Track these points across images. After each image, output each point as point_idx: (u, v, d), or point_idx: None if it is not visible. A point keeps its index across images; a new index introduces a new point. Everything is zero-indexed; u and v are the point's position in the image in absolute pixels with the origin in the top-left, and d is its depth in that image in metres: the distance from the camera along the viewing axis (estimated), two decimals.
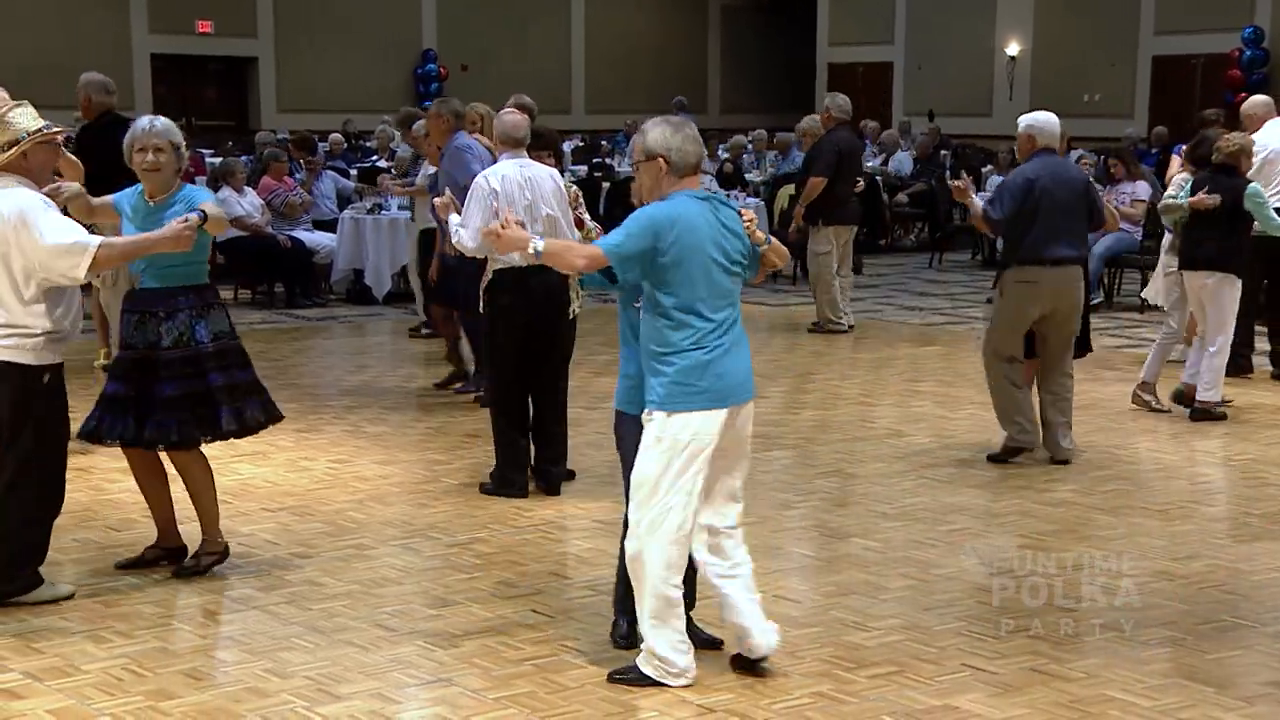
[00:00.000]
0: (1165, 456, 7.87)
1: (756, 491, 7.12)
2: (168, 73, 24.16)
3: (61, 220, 5.21)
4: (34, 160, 5.26)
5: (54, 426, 5.34)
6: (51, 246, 5.08)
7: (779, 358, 10.89)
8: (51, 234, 5.10)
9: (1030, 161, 7.52)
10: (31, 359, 5.19)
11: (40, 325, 5.17)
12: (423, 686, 4.70)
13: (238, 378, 5.63)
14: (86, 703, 4.53)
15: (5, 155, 5.19)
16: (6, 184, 5.20)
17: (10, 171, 5.21)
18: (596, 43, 28.18)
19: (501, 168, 6.79)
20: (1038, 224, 7.38)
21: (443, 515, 6.63)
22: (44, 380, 5.22)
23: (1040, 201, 7.37)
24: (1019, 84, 24.96)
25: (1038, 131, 7.55)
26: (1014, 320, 7.57)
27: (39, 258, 5.10)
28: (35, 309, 5.16)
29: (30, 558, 5.36)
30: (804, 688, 4.70)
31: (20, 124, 5.23)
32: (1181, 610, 5.45)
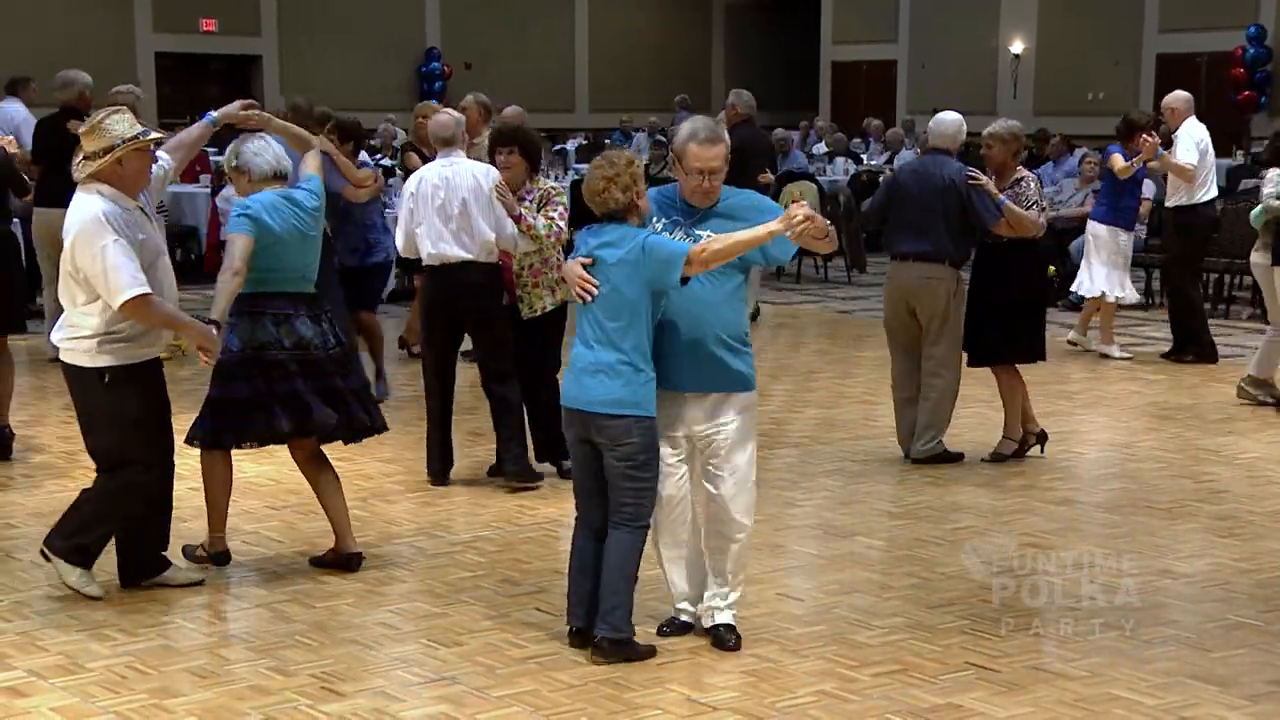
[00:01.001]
0: (1168, 455, 7.86)
1: (760, 490, 7.08)
2: (172, 71, 24.16)
3: (123, 253, 5.05)
4: (128, 167, 5.17)
5: (129, 431, 5.26)
6: (96, 274, 5.05)
7: (783, 356, 10.89)
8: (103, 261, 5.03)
9: (911, 160, 7.68)
10: (86, 361, 5.16)
11: (89, 326, 5.13)
12: (426, 684, 4.70)
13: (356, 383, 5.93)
14: (90, 700, 4.54)
15: (100, 162, 5.11)
16: (88, 192, 5.14)
17: (103, 179, 5.14)
18: (600, 41, 28.17)
19: (424, 170, 7.05)
20: (891, 221, 7.59)
21: (445, 513, 6.63)
22: (103, 381, 5.17)
23: (895, 198, 7.55)
24: (1023, 82, 24.93)
25: (930, 132, 7.77)
26: (885, 317, 7.75)
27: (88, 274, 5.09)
28: (87, 309, 5.13)
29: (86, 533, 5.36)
30: (807, 686, 4.70)
31: (116, 130, 5.14)
32: (1185, 609, 5.45)
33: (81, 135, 5.20)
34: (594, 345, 4.77)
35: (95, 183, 5.14)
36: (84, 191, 5.17)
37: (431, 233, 6.83)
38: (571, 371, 4.86)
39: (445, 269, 6.85)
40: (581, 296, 4.77)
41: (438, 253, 6.83)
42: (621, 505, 4.81)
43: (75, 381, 5.25)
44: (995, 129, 7.67)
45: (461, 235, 6.79)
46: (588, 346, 4.79)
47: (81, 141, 5.20)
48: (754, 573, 5.80)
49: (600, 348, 4.75)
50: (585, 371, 4.78)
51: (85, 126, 5.19)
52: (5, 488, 6.99)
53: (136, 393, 5.25)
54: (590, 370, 4.77)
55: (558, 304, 6.97)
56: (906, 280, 7.47)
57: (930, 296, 7.42)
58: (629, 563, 4.83)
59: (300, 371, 5.55)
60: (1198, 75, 23.47)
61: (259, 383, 5.52)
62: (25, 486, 7.02)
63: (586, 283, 4.75)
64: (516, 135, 7.00)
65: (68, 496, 6.77)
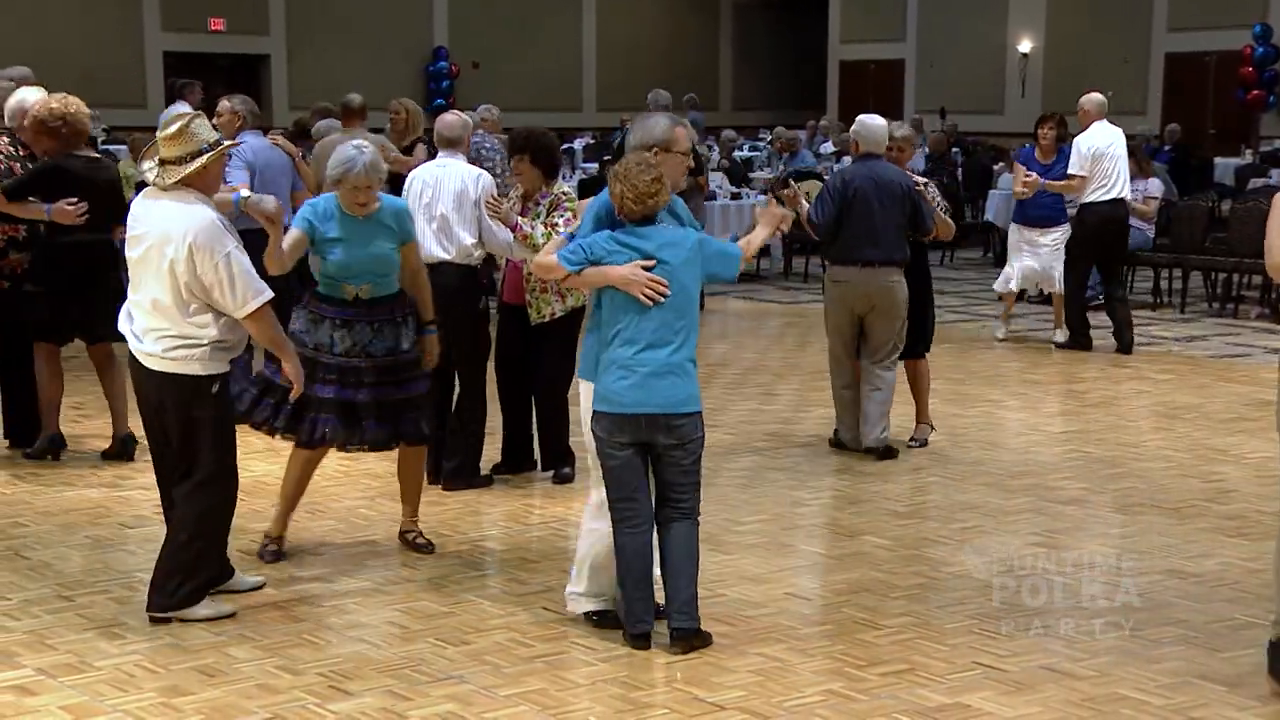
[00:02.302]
0: (1177, 454, 7.85)
1: (767, 489, 7.13)
2: (180, 70, 24.17)
3: (243, 260, 5.02)
4: (212, 172, 5.12)
5: (226, 437, 5.23)
6: (218, 281, 4.96)
7: (790, 355, 10.89)
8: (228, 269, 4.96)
9: (853, 165, 7.80)
10: (199, 369, 5.08)
11: (206, 335, 5.05)
12: (434, 683, 4.71)
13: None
14: (99, 699, 4.55)
15: (192, 167, 5.02)
16: (184, 198, 5.04)
17: (191, 185, 5.05)
18: (607, 40, 28.18)
19: (420, 169, 7.09)
20: (850, 226, 7.55)
21: (453, 512, 6.64)
22: (213, 390, 5.11)
23: (854, 204, 7.53)
24: (1031, 81, 24.91)
25: (861, 137, 7.77)
26: (836, 321, 7.78)
27: (206, 282, 4.98)
28: (200, 319, 5.04)
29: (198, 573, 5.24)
30: (815, 685, 4.70)
31: (202, 135, 5.07)
32: (1194, 609, 5.44)
33: (162, 140, 5.07)
34: (661, 347, 4.80)
35: (186, 189, 5.05)
36: (179, 200, 5.03)
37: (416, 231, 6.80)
38: (632, 375, 4.79)
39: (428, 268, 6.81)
40: (653, 299, 4.79)
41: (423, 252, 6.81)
42: (681, 500, 4.91)
43: (182, 392, 5.10)
44: (907, 133, 8.14)
45: (441, 236, 6.77)
46: (654, 349, 4.79)
47: (161, 146, 5.08)
48: (761, 572, 5.82)
49: (669, 349, 4.81)
50: (653, 375, 4.80)
51: (169, 130, 5.05)
52: (14, 486, 7.00)
53: (230, 401, 5.29)
54: (660, 373, 4.80)
55: (567, 310, 6.91)
56: (870, 285, 7.59)
57: (891, 299, 7.62)
58: (697, 552, 4.96)
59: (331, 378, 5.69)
60: (1206, 74, 23.47)
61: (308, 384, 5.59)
62: (34, 485, 7.03)
63: (658, 284, 4.78)
64: (526, 142, 6.90)
65: (76, 495, 6.81)
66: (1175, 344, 11.40)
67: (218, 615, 5.21)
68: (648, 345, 4.81)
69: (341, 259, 5.67)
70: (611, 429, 4.85)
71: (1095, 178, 10.74)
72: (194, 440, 5.16)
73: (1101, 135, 10.85)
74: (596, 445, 4.94)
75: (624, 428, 4.83)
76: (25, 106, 7.19)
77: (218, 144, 5.14)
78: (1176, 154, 18.59)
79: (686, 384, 4.85)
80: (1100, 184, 10.77)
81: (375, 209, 5.71)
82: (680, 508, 4.92)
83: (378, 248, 5.70)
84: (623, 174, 4.86)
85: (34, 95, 7.27)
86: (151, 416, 5.25)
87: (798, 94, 28.86)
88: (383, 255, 5.71)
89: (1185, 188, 16.23)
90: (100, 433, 7.95)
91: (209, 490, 5.20)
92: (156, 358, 5.10)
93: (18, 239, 7.21)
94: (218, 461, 5.19)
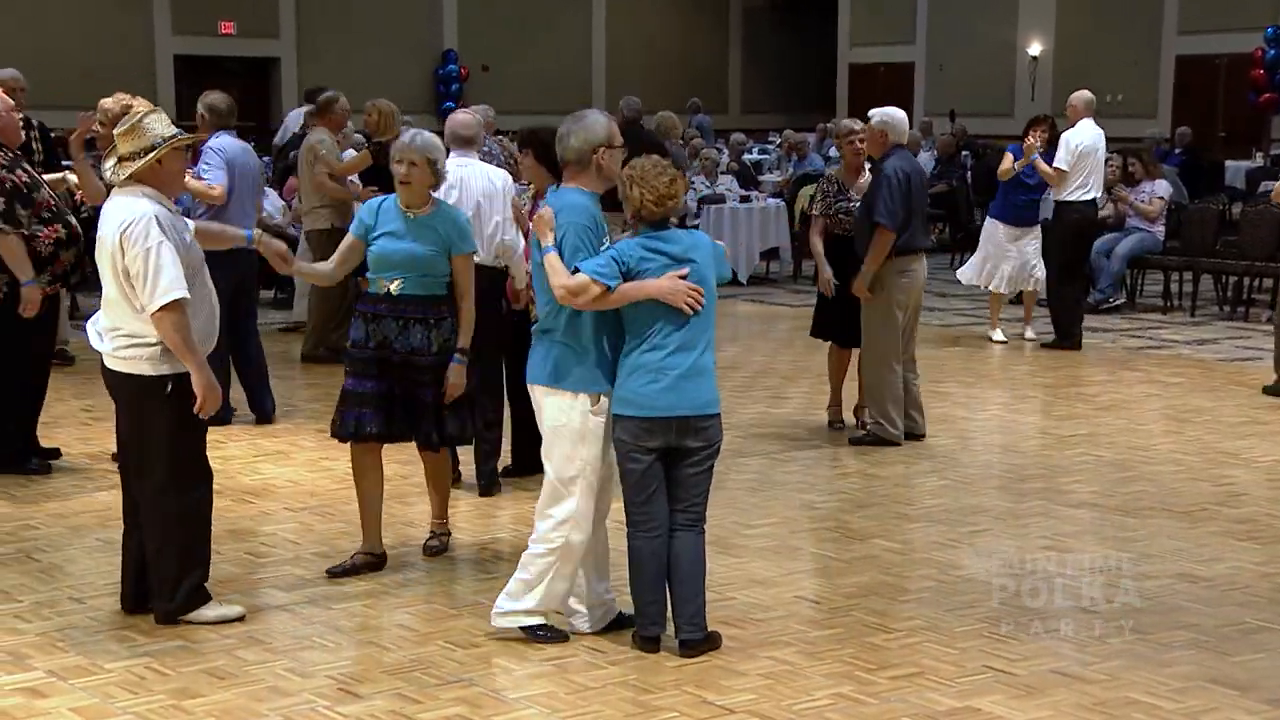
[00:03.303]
0: (1187, 458, 7.84)
1: (777, 493, 7.12)
2: (190, 73, 24.24)
3: (170, 255, 4.94)
4: (168, 168, 5.07)
5: (189, 438, 5.14)
6: (137, 274, 4.92)
7: (800, 359, 10.88)
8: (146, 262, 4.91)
9: (893, 158, 7.80)
10: (149, 369, 5.02)
11: (153, 334, 4.98)
12: (444, 686, 4.71)
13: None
14: (109, 701, 4.55)
15: (141, 163, 5.01)
16: (132, 193, 5.02)
17: (143, 181, 5.03)
18: (617, 43, 28.18)
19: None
20: (914, 217, 7.72)
21: (463, 515, 6.64)
22: (166, 391, 5.03)
23: (910, 195, 7.69)
24: (1041, 84, 24.87)
25: (891, 128, 7.83)
26: (902, 312, 7.89)
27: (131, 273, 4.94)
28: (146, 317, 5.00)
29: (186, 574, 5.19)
30: (825, 689, 4.69)
31: (156, 130, 5.04)
32: (1205, 613, 5.43)
33: (117, 136, 5.08)
34: (691, 349, 4.79)
35: (136, 184, 5.04)
36: (127, 194, 5.03)
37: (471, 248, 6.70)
38: (664, 378, 4.76)
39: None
40: (693, 308, 4.79)
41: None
42: (692, 506, 4.91)
43: (133, 391, 5.07)
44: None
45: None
46: (684, 351, 4.77)
47: (116, 142, 5.08)
48: (771, 575, 5.82)
49: (698, 351, 4.82)
50: (685, 377, 4.79)
51: (123, 127, 5.06)
52: (24, 489, 7.02)
53: (189, 406, 5.07)
54: (691, 375, 4.80)
55: None
56: (925, 272, 8.00)
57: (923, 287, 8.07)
58: (704, 563, 4.96)
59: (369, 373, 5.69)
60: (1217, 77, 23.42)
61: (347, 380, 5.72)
62: (45, 487, 7.04)
63: (697, 292, 4.79)
64: (530, 139, 6.87)
65: (87, 499, 6.83)
66: (1186, 347, 11.38)
67: (224, 618, 5.20)
68: (678, 348, 4.80)
69: (379, 251, 5.67)
70: (639, 433, 4.81)
71: (1076, 175, 10.91)
72: (145, 442, 5.09)
73: (1088, 133, 11.04)
74: (618, 450, 4.90)
75: (654, 431, 4.80)
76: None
77: (173, 138, 5.07)
78: (1187, 157, 18.55)
79: (712, 385, 4.87)
80: (1081, 183, 10.96)
81: (427, 210, 5.68)
82: (690, 514, 4.91)
83: (418, 246, 5.63)
84: (639, 177, 4.84)
85: None
86: (117, 415, 5.24)
87: (807, 97, 28.83)
88: (420, 254, 5.62)
89: (1196, 191, 16.20)
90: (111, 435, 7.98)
91: (167, 497, 5.10)
92: (110, 356, 5.08)
93: (62, 239, 7.08)
94: (172, 467, 5.08)
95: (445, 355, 5.67)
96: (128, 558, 5.31)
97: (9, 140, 7.10)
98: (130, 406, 5.11)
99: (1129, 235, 13.06)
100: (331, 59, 24.85)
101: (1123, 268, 13.08)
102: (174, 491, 5.11)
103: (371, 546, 5.83)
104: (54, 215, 7.06)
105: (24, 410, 7.26)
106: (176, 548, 5.15)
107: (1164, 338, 11.76)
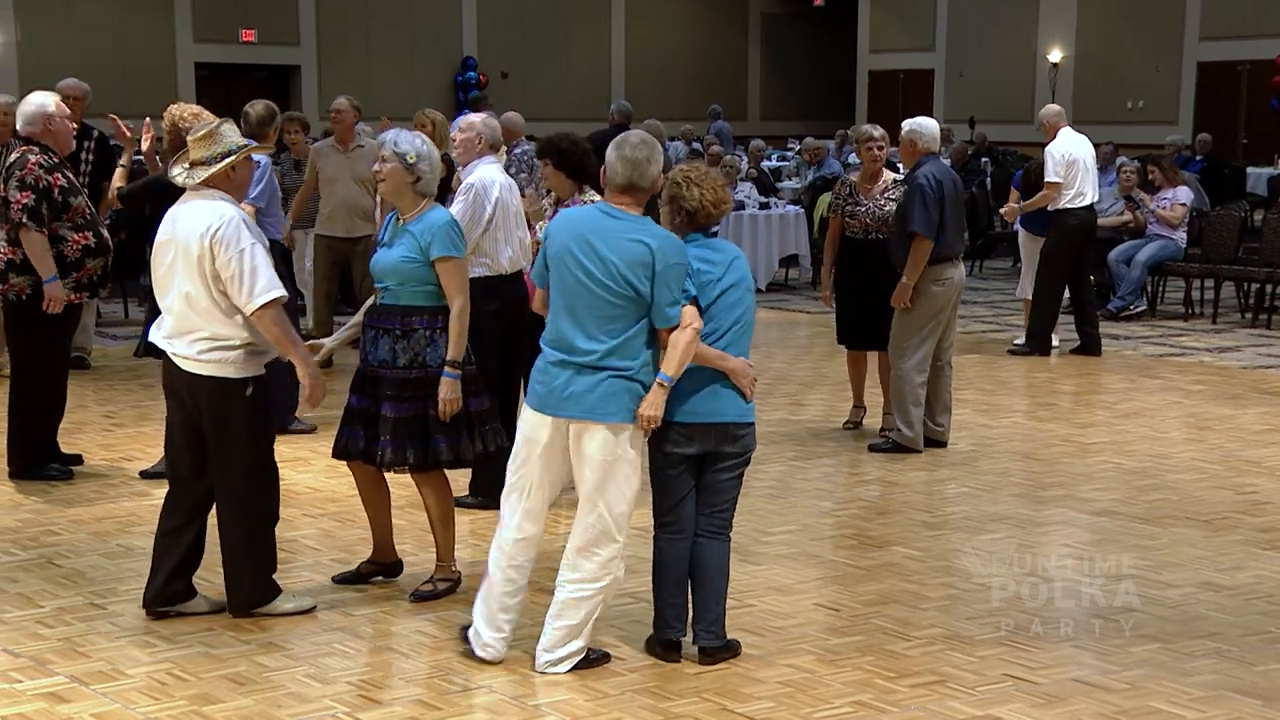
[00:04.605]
0: (1209, 466, 7.80)
1: (796, 499, 7.11)
2: (212, 81, 24.39)
3: (261, 255, 5.06)
4: (239, 175, 5.21)
5: (263, 437, 5.27)
6: (232, 276, 5.00)
7: (819, 365, 10.87)
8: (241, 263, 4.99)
9: (925, 166, 7.83)
10: (233, 372, 5.12)
11: (239, 337, 5.09)
12: (463, 693, 4.71)
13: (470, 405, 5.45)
14: (131, 707, 4.57)
15: (217, 168, 5.11)
16: (208, 197, 5.11)
17: (217, 186, 5.13)
18: (637, 50, 28.22)
19: (494, 173, 6.68)
20: (947, 224, 7.75)
21: (482, 521, 6.64)
22: (247, 393, 5.15)
23: (944, 203, 7.72)
24: (1061, 90, 24.81)
25: (919, 136, 7.91)
26: (937, 319, 7.91)
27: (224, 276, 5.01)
28: (234, 319, 5.08)
29: (264, 567, 5.33)
30: (844, 696, 4.68)
31: (230, 138, 5.16)
32: (1227, 622, 5.40)
33: (192, 141, 5.17)
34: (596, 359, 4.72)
35: (210, 189, 5.13)
36: (204, 198, 5.11)
37: (512, 241, 6.65)
38: (705, 385, 4.74)
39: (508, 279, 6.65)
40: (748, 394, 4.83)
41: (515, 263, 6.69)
42: (720, 512, 4.91)
43: (217, 394, 5.13)
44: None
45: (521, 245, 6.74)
46: (582, 359, 4.70)
47: (191, 148, 5.17)
48: (790, 582, 5.81)
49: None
50: (725, 385, 4.78)
51: (199, 133, 5.16)
52: (47, 494, 7.04)
53: (267, 406, 5.28)
54: (727, 383, 4.78)
55: None
56: (961, 278, 8.01)
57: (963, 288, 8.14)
58: (727, 571, 4.96)
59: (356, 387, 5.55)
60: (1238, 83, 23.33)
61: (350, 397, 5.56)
62: (67, 493, 7.07)
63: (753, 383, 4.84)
64: (546, 146, 6.85)
65: (109, 505, 6.85)
66: (1207, 355, 11.34)
67: (300, 609, 5.35)
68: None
69: (371, 262, 5.60)
70: (679, 439, 4.79)
71: (1068, 184, 10.95)
72: (230, 444, 5.19)
73: (1071, 142, 11.07)
74: (656, 455, 4.85)
75: (694, 437, 4.79)
76: (48, 110, 7.19)
77: (243, 148, 5.22)
78: (1208, 163, 18.48)
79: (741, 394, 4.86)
80: (1076, 190, 10.98)
81: (414, 215, 5.41)
82: (717, 521, 4.91)
83: (396, 254, 5.37)
84: (696, 179, 4.82)
85: (52, 97, 7.30)
86: (184, 418, 5.26)
87: (827, 103, 28.83)
88: (397, 262, 5.35)
89: (1217, 197, 16.14)
90: (132, 441, 8.02)
91: (248, 494, 5.25)
92: (191, 360, 5.13)
93: (91, 246, 7.14)
94: (251, 466, 5.23)
95: (413, 370, 5.34)
96: (164, 556, 5.35)
97: (59, 146, 7.19)
98: (212, 408, 5.16)
99: (1150, 242, 13.01)
100: (351, 66, 24.97)
101: (1144, 275, 13.04)
102: (255, 488, 5.25)
103: (378, 556, 5.79)
104: (86, 223, 7.14)
105: (44, 416, 7.28)
106: (254, 544, 5.28)
107: (1186, 345, 11.72)
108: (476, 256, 6.57)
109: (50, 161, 7.05)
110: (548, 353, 4.74)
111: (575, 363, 4.67)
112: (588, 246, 4.64)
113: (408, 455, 5.39)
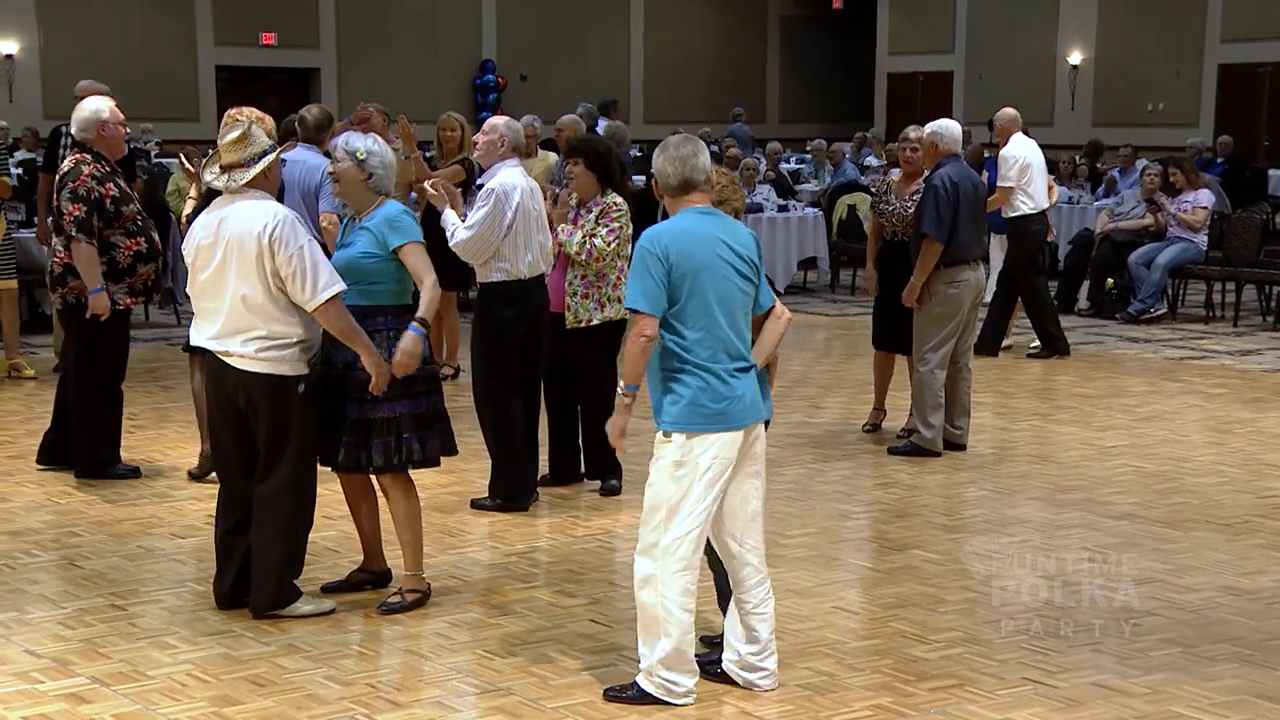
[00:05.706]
0: (1230, 469, 7.77)
1: (815, 503, 7.11)
2: (232, 83, 24.48)
3: (319, 252, 5.12)
4: (272, 176, 5.26)
5: (310, 436, 5.28)
6: (292, 273, 5.03)
7: (838, 368, 10.86)
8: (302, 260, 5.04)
9: (944, 168, 7.83)
10: (288, 369, 5.16)
11: (294, 335, 5.13)
12: (482, 695, 4.72)
13: (425, 405, 5.39)
14: (151, 708, 4.59)
15: (257, 169, 5.15)
16: (254, 197, 5.15)
17: (258, 187, 5.18)
18: (655, 53, 28.21)
19: (520, 178, 6.65)
20: (961, 226, 7.73)
21: (501, 524, 6.66)
22: (299, 389, 5.19)
23: (961, 205, 7.72)
24: (1081, 93, 24.74)
25: (941, 138, 7.92)
26: (955, 322, 7.90)
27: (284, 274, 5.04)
28: (290, 317, 5.11)
29: (293, 571, 5.37)
30: (864, 700, 4.68)
31: (261, 139, 5.20)
32: (1249, 626, 5.38)
33: (224, 146, 5.18)
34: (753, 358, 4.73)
35: (254, 189, 5.18)
36: (248, 198, 5.14)
37: (532, 246, 6.65)
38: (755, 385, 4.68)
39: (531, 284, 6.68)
40: None
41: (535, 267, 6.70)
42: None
43: (271, 392, 5.15)
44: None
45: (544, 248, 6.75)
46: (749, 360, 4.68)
47: (223, 151, 5.19)
48: (809, 585, 5.80)
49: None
50: (761, 384, 4.76)
51: (232, 135, 5.17)
52: (68, 496, 7.08)
53: (312, 404, 5.29)
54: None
55: (605, 320, 6.92)
56: (980, 281, 8.02)
57: (984, 290, 8.15)
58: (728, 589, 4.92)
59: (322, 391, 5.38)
60: (1260, 85, 23.22)
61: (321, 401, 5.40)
62: (87, 495, 7.11)
63: None
64: (580, 146, 6.90)
65: (130, 507, 6.88)
66: (1228, 358, 11.29)
67: (319, 611, 5.36)
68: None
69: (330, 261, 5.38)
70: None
71: (1023, 188, 10.93)
72: (281, 442, 5.22)
73: (1024, 146, 11.06)
74: None
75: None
76: (102, 116, 7.20)
77: (274, 149, 5.27)
78: (1229, 166, 18.40)
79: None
80: (1030, 195, 10.94)
81: (365, 213, 5.38)
82: None
83: (355, 251, 5.33)
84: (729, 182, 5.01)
85: (107, 103, 7.30)
86: (234, 418, 5.26)
87: (846, 106, 28.78)
88: (354, 260, 5.31)
89: (1238, 200, 16.08)
90: (153, 443, 8.05)
91: (293, 492, 5.28)
92: (247, 359, 5.15)
93: (142, 252, 7.19)
94: (299, 463, 5.25)
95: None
96: (228, 556, 5.39)
97: (111, 151, 7.24)
98: (267, 405, 5.18)
99: (1171, 245, 12.97)
100: (370, 70, 25.03)
101: (1164, 278, 12.99)
102: (299, 489, 5.29)
103: (368, 565, 5.74)
104: (138, 229, 7.21)
105: (105, 417, 7.33)
106: (287, 544, 5.31)
107: (1206, 348, 11.67)
108: (496, 261, 6.59)
109: (103, 171, 7.10)
110: (714, 369, 4.52)
111: (749, 365, 4.63)
112: (726, 248, 4.58)
113: (373, 457, 5.32)
